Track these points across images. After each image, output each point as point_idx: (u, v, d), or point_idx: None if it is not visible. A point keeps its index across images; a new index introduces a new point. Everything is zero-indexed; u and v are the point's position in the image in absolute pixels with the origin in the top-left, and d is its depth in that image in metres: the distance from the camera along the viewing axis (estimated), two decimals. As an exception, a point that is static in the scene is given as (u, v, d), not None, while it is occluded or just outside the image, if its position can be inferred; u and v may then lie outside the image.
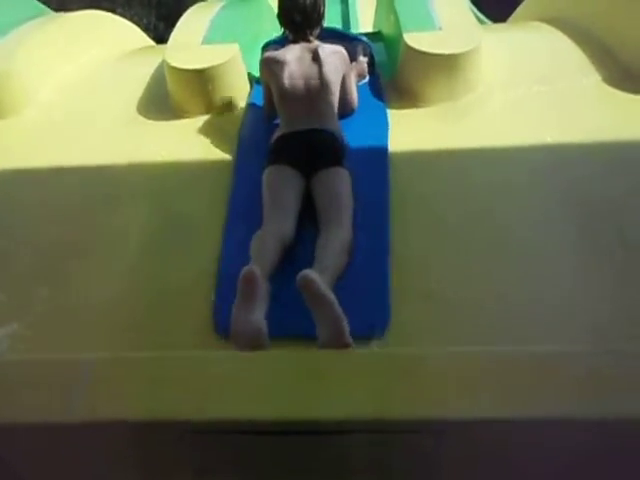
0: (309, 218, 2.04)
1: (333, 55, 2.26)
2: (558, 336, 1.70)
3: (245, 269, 1.64)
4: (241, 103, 2.62)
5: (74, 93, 2.89)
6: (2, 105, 2.71)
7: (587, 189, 2.10)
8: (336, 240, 1.86)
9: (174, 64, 2.55)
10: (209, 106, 2.58)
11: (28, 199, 2.34)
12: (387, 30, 3.08)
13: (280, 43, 2.48)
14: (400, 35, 2.57)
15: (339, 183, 2.04)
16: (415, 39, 2.49)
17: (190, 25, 2.87)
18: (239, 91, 2.64)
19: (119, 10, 13.22)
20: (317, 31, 2.35)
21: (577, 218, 2.00)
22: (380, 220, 2.04)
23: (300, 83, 2.20)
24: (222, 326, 1.73)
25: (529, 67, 2.70)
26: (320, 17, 2.32)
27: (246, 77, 2.71)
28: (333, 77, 2.23)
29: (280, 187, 2.05)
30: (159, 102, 2.69)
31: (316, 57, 2.23)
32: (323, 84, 2.20)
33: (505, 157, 2.27)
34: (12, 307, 1.92)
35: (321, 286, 1.59)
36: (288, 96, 2.21)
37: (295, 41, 2.31)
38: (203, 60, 2.53)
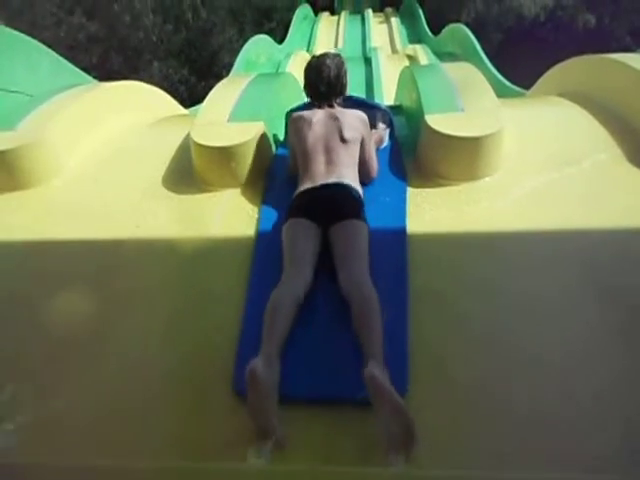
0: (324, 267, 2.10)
1: (353, 117, 2.43)
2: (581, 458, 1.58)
3: (247, 370, 1.61)
4: (265, 179, 2.67)
5: (102, 163, 2.98)
6: (32, 174, 2.81)
7: (614, 276, 2.05)
8: (369, 299, 1.85)
9: (200, 141, 2.61)
10: (233, 181, 2.63)
11: (51, 270, 2.36)
12: (409, 106, 3.13)
13: (305, 108, 2.63)
14: (422, 115, 2.61)
15: (356, 233, 2.11)
16: (437, 121, 2.53)
17: (217, 101, 2.96)
18: (263, 167, 2.69)
19: (156, 63, 13.92)
20: (340, 99, 2.56)
21: (607, 311, 1.93)
22: (399, 294, 2.02)
23: (321, 142, 2.36)
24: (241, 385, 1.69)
25: (550, 146, 2.71)
26: (343, 87, 2.55)
27: (271, 153, 2.77)
28: (352, 137, 2.38)
29: (298, 239, 2.12)
30: (184, 175, 2.76)
31: (337, 119, 2.40)
32: (343, 143, 2.35)
33: (525, 241, 2.24)
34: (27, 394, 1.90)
35: (387, 386, 1.56)
36: (309, 153, 2.35)
37: (320, 107, 2.51)
38: (228, 138, 2.58)
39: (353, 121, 2.41)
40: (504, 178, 2.50)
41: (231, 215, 2.52)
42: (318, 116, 2.43)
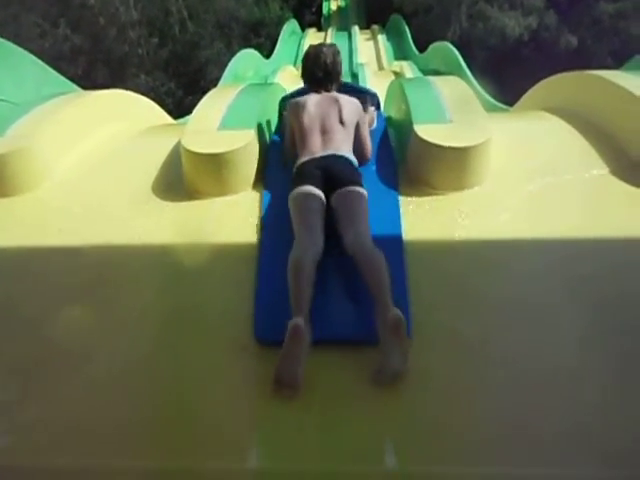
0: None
1: (349, 102, 2.62)
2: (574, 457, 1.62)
3: (291, 325, 1.80)
4: (255, 187, 2.67)
5: (90, 171, 2.96)
6: (19, 182, 2.78)
7: (602, 286, 2.08)
8: (374, 255, 2.03)
9: (190, 148, 2.61)
10: (223, 189, 2.63)
11: (36, 277, 2.33)
12: (397, 117, 3.17)
13: (301, 93, 2.81)
14: (411, 125, 2.63)
15: (358, 198, 2.27)
16: (426, 131, 2.56)
17: (208, 109, 2.96)
18: (254, 175, 2.69)
19: (142, 76, 13.92)
20: (336, 85, 2.73)
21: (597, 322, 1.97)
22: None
23: (318, 122, 2.53)
24: (261, 331, 1.96)
25: (537, 158, 2.75)
26: (339, 74, 2.73)
27: (261, 161, 2.78)
28: (349, 120, 2.55)
29: (305, 205, 2.27)
30: (173, 183, 2.74)
31: (335, 101, 2.59)
32: (340, 124, 2.52)
33: (514, 251, 2.27)
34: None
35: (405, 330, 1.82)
36: (308, 132, 2.51)
37: (317, 92, 2.68)
38: (218, 145, 2.58)
39: (349, 105, 2.59)
40: (492, 188, 2.53)
41: (224, 222, 2.51)
42: (316, 99, 2.61)
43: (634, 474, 1.54)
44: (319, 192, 2.30)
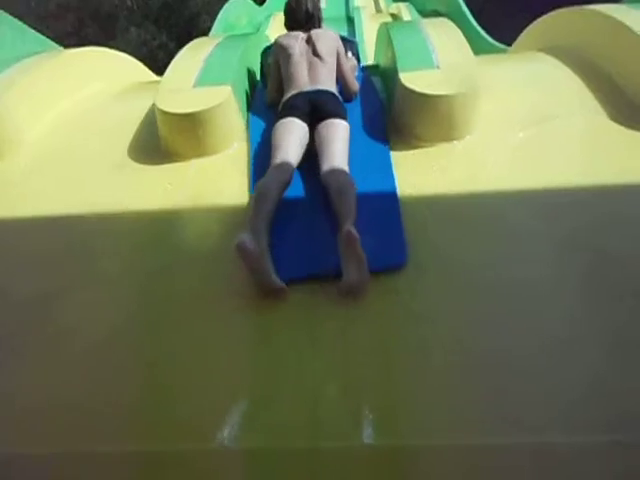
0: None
1: (325, 34, 2.74)
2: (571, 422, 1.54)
3: (236, 243, 1.82)
4: (235, 144, 2.57)
5: (66, 134, 2.85)
6: (-9, 146, 2.66)
7: (600, 238, 1.98)
8: (345, 183, 2.10)
9: (165, 108, 2.49)
10: (202, 149, 2.52)
11: (8, 247, 2.27)
12: (385, 65, 3.01)
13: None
14: (396, 73, 2.50)
15: (339, 130, 2.34)
16: (411, 79, 2.42)
17: (182, 66, 2.82)
18: (233, 132, 2.58)
19: (133, 29, 13.50)
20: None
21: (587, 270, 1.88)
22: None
23: (303, 58, 2.64)
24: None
25: (531, 104, 2.60)
26: (319, 19, 2.85)
27: (241, 118, 2.66)
28: (325, 50, 2.66)
29: (284, 134, 2.34)
30: (151, 144, 2.64)
31: (313, 38, 2.70)
32: (320, 59, 2.63)
33: (508, 201, 2.17)
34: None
35: (359, 244, 1.82)
36: (293, 68, 2.61)
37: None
38: (194, 104, 2.46)
39: (326, 38, 2.71)
40: (482, 137, 2.41)
41: (202, 184, 2.42)
42: (299, 38, 2.72)
43: (628, 439, 1.48)
44: (302, 123, 2.39)
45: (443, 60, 2.54)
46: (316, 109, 2.42)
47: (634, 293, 1.78)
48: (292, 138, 2.33)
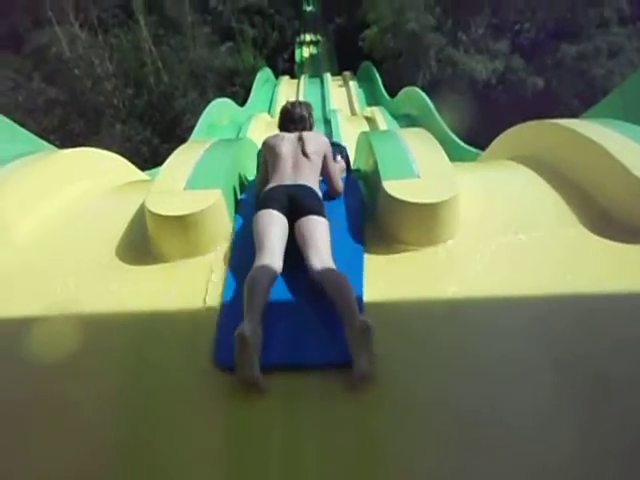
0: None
1: (315, 136, 2.90)
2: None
3: (237, 333, 1.89)
4: (221, 246, 2.62)
5: (53, 233, 2.86)
6: (-22, 244, 2.66)
7: (570, 344, 2.02)
8: (339, 278, 2.17)
9: (154, 210, 2.55)
10: (190, 250, 2.56)
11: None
12: (366, 171, 3.16)
13: None
14: (379, 181, 2.62)
15: (322, 227, 2.43)
16: (394, 187, 2.54)
17: (174, 169, 2.92)
18: (221, 235, 2.64)
19: (118, 126, 13.95)
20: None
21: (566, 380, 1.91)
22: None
23: (289, 155, 2.75)
24: (221, 359, 2.01)
25: (506, 212, 2.74)
26: (312, 125, 3.07)
27: (228, 220, 2.73)
28: (313, 149, 2.78)
29: (268, 227, 2.39)
30: (140, 245, 2.67)
31: (303, 138, 2.83)
32: (307, 158, 2.73)
33: (484, 307, 2.22)
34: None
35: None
36: (279, 163, 2.72)
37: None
38: (184, 206, 2.53)
39: (316, 140, 2.84)
40: (462, 243, 2.50)
41: (189, 286, 2.43)
42: (287, 136, 2.86)
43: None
44: (281, 215, 2.46)
45: (423, 169, 2.68)
46: (294, 203, 2.49)
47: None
48: (275, 229, 2.39)
